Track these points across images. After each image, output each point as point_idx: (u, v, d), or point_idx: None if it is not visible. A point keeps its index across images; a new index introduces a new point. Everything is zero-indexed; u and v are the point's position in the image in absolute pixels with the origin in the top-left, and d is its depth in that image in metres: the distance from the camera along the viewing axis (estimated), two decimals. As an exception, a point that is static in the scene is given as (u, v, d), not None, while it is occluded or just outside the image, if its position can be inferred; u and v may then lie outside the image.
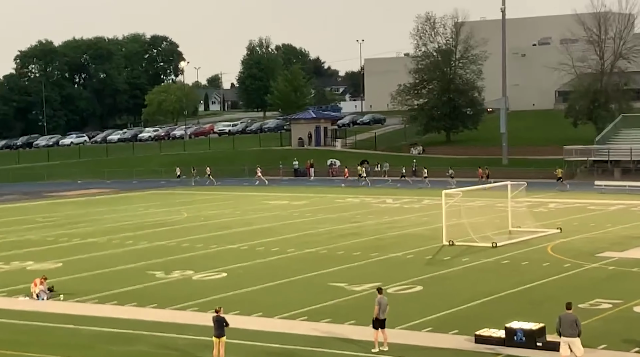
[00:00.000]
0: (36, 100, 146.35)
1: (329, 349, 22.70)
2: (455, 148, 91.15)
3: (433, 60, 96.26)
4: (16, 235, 46.67)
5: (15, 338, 24.67)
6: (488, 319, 24.64)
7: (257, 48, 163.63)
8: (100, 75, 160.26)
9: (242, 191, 70.84)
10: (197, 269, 34.47)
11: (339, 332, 24.18)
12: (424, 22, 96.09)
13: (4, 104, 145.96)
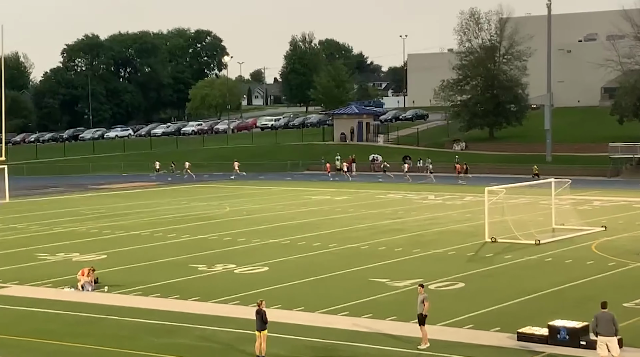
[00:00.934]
0: (82, 94, 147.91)
1: (370, 344, 22.67)
2: (499, 145, 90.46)
3: (477, 57, 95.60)
4: (62, 227, 47.20)
5: (61, 329, 24.97)
6: (531, 317, 24.46)
7: (300, 43, 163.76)
8: (145, 69, 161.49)
9: (284, 186, 70.98)
10: (239, 263, 34.60)
11: (380, 328, 24.14)
12: (469, 18, 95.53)
13: (51, 97, 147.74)
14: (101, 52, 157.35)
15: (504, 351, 21.94)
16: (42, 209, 56.04)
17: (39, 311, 27.06)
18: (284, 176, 79.43)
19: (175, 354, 22.12)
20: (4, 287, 30.71)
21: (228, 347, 22.76)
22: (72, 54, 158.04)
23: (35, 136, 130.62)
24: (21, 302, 28.21)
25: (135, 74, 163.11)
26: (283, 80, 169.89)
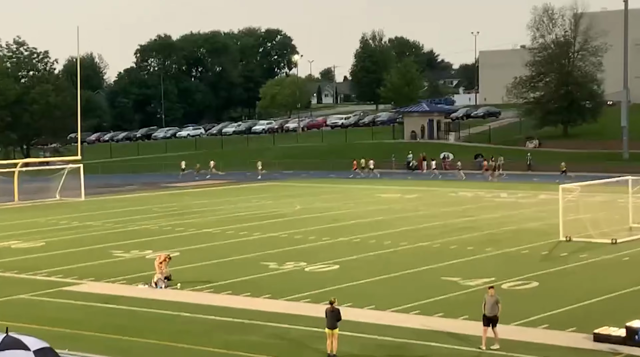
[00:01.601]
0: (155, 93, 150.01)
1: (442, 343, 22.50)
2: (573, 142, 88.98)
3: (550, 53, 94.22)
4: (135, 224, 47.85)
5: (134, 324, 25.31)
6: (607, 317, 23.98)
7: (370, 41, 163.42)
8: (216, 69, 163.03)
9: (354, 184, 70.92)
10: (309, 261, 34.66)
11: (452, 327, 23.93)
12: (542, 13, 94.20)
13: (125, 97, 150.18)
14: (173, 52, 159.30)
15: (580, 352, 21.55)
16: (116, 207, 56.88)
17: (114, 307, 27.48)
18: (355, 174, 79.27)
19: (247, 351, 22.24)
20: (80, 284, 31.27)
21: (299, 344, 22.80)
22: (145, 54, 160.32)
23: (110, 135, 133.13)
24: (96, 299, 28.69)
25: (207, 74, 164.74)
26: (353, 79, 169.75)
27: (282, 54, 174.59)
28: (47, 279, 32.17)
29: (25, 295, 29.54)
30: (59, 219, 50.93)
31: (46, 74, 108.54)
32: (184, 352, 22.33)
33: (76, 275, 32.73)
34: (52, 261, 36.06)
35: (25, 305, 28.16)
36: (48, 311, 27.16)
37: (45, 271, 33.69)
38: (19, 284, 31.55)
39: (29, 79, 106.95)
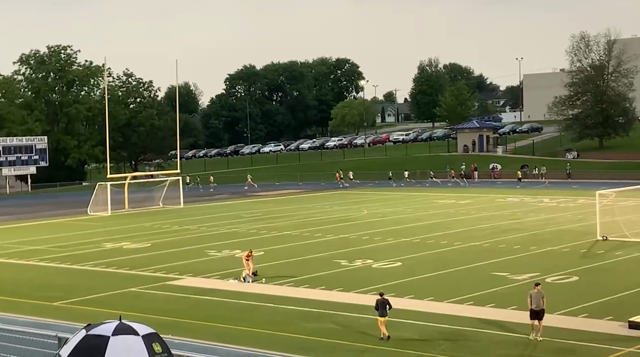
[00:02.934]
0: (241, 116, 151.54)
1: (493, 330, 22.23)
2: (608, 153, 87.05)
3: (587, 75, 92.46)
4: (226, 228, 48.26)
5: (227, 314, 25.55)
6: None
7: (427, 67, 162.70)
8: (294, 94, 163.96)
9: (414, 192, 70.49)
10: (376, 259, 34.57)
11: (502, 316, 23.63)
12: (579, 40, 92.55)
13: (216, 119, 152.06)
14: (257, 80, 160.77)
15: (616, 338, 21.07)
16: (210, 213, 57.46)
17: (209, 299, 27.77)
18: (414, 183, 78.91)
19: (322, 336, 22.29)
20: (181, 279, 31.67)
21: (367, 331, 22.75)
22: (233, 82, 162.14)
23: (204, 152, 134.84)
24: (195, 292, 29.03)
25: (286, 98, 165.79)
26: (412, 100, 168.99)
27: (350, 79, 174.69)
28: (153, 275, 32.65)
29: (134, 288, 30.04)
30: (162, 223, 51.67)
31: (150, 101, 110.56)
32: (269, 337, 22.47)
33: (177, 271, 33.16)
34: (157, 259, 36.58)
35: (135, 297, 28.65)
36: (154, 302, 27.57)
37: (151, 267, 34.20)
38: (129, 279, 32.12)
39: (137, 105, 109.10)
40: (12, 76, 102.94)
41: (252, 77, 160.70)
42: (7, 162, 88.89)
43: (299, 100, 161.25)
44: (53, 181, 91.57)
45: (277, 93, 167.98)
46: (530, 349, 20.56)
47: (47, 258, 37.99)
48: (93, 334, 6.22)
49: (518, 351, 20.44)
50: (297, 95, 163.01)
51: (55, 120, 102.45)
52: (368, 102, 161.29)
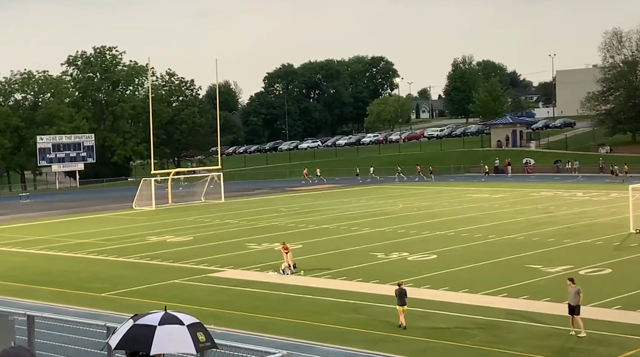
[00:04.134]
0: (280, 113, 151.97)
1: (527, 321, 22.05)
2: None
3: (619, 71, 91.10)
4: (265, 222, 48.42)
5: (267, 305, 25.67)
6: (674, 300, 23.02)
7: (460, 64, 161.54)
8: (331, 91, 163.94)
9: (448, 186, 70.11)
10: (411, 251, 34.45)
11: (535, 308, 23.42)
12: (612, 36, 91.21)
13: (255, 116, 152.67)
14: (295, 78, 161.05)
15: (650, 330, 20.77)
16: (250, 208, 57.69)
17: (250, 290, 27.92)
18: (448, 178, 78.45)
19: (359, 327, 22.29)
20: (222, 271, 31.88)
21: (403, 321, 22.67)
22: (272, 80, 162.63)
23: (243, 148, 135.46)
24: (236, 283, 29.21)
25: (323, 95, 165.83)
26: (446, 96, 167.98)
27: (385, 77, 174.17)
28: (196, 267, 32.91)
29: (178, 280, 30.32)
30: (204, 217, 52.02)
31: (192, 99, 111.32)
32: (307, 327, 22.55)
33: (219, 263, 33.38)
34: (199, 252, 36.85)
35: (179, 288, 28.91)
36: (197, 293, 27.79)
37: (193, 260, 34.47)
38: (173, 271, 32.41)
39: (179, 104, 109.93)
40: (61, 76, 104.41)
41: (290, 75, 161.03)
42: (56, 159, 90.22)
43: (335, 98, 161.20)
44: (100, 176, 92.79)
45: (314, 91, 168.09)
46: (564, 341, 20.35)
47: (94, 251, 38.50)
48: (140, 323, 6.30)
49: (551, 342, 20.24)
50: (333, 93, 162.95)
51: (101, 119, 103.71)
52: (403, 99, 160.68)
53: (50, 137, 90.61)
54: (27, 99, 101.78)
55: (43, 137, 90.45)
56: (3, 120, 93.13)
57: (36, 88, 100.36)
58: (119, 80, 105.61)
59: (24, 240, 43.54)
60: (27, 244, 42.05)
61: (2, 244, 42.17)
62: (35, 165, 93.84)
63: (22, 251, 39.90)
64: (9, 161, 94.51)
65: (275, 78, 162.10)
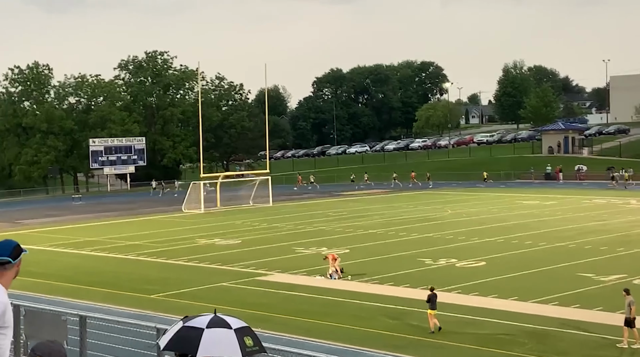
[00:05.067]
0: (328, 118, 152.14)
1: (578, 331, 21.65)
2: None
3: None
4: (312, 226, 48.44)
5: (314, 309, 25.69)
6: None
7: (511, 69, 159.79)
8: (379, 96, 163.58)
9: (497, 192, 69.31)
10: (460, 258, 34.14)
11: (587, 317, 23.00)
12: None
13: (303, 121, 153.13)
14: (343, 83, 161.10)
15: None
16: (297, 212, 57.84)
17: (297, 295, 27.97)
18: (498, 184, 77.59)
19: (406, 333, 22.16)
20: (270, 274, 31.99)
21: (452, 329, 22.47)
22: (320, 85, 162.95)
23: (292, 152, 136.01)
24: (283, 287, 29.27)
25: (371, 100, 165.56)
26: (496, 102, 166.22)
27: (434, 82, 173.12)
28: (244, 270, 33.09)
29: (226, 283, 30.52)
30: (252, 221, 52.30)
31: (241, 103, 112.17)
32: (354, 332, 22.49)
33: (266, 267, 33.50)
34: (247, 255, 37.03)
35: (227, 291, 29.10)
36: (244, 296, 27.94)
37: (241, 263, 34.66)
38: (221, 273, 32.63)
39: (228, 108, 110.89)
40: (113, 80, 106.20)
41: (339, 80, 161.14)
42: (108, 161, 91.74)
43: (384, 103, 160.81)
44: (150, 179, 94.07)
45: (363, 95, 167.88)
46: (618, 352, 19.92)
47: (144, 253, 39.00)
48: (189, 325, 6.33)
49: (603, 353, 19.85)
50: (382, 98, 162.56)
51: (152, 122, 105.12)
52: (452, 104, 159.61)
53: (103, 140, 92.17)
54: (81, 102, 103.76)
55: (95, 140, 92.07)
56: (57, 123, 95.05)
57: (89, 92, 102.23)
58: (170, 84, 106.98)
59: (76, 241, 44.33)
60: (79, 245, 42.80)
61: (55, 245, 43.00)
62: (87, 168, 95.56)
63: (74, 252, 40.62)
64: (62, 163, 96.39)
65: (324, 83, 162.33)
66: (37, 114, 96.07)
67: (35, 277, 30.40)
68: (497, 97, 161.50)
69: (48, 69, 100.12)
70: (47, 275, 30.69)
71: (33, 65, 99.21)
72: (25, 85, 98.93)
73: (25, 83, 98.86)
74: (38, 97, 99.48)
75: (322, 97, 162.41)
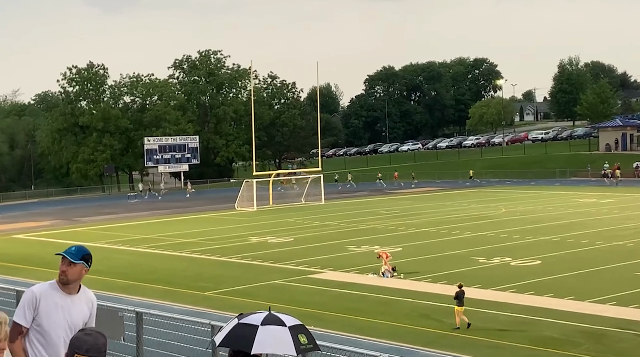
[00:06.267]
0: (380, 115, 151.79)
1: (637, 331, 21.19)
2: None
3: None
4: (365, 224, 48.42)
5: (367, 307, 25.64)
6: None
7: (567, 66, 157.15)
8: (432, 93, 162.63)
9: (553, 190, 68.30)
10: (514, 257, 33.73)
11: (647, 318, 22.49)
12: None
13: (356, 119, 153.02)
14: (396, 80, 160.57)
15: None
16: (350, 210, 57.84)
17: (349, 292, 27.95)
18: (553, 182, 76.45)
19: (461, 333, 21.97)
20: (322, 272, 32.05)
21: (506, 328, 22.24)
22: (372, 83, 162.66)
23: (344, 150, 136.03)
24: (335, 285, 29.29)
25: (424, 98, 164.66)
26: (552, 98, 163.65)
27: (488, 79, 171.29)
28: (296, 268, 33.21)
29: (279, 280, 30.67)
30: (304, 219, 52.47)
31: (293, 102, 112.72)
32: (407, 331, 22.37)
33: (319, 265, 33.58)
34: (299, 253, 37.16)
35: (280, 289, 29.24)
36: (297, 294, 28.03)
37: (294, 261, 34.80)
38: (274, 271, 32.80)
39: (280, 106, 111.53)
40: (167, 80, 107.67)
41: (391, 77, 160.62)
42: (162, 160, 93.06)
43: (436, 100, 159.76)
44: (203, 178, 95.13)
45: (415, 93, 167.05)
46: (677, 353, 19.46)
47: (198, 250, 39.45)
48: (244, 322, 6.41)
49: (664, 354, 19.40)
50: (434, 95, 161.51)
51: (205, 121, 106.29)
52: (506, 101, 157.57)
53: (157, 139, 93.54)
54: (136, 101, 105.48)
55: (150, 138, 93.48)
56: (113, 122, 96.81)
57: (144, 91, 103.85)
58: (223, 83, 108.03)
59: (132, 238, 45.07)
60: (135, 242, 43.51)
61: (111, 242, 43.80)
62: (142, 166, 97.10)
63: (129, 249, 41.31)
64: (118, 162, 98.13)
65: (376, 80, 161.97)
66: (93, 113, 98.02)
67: (92, 274, 30.75)
68: (553, 93, 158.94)
69: (103, 68, 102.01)
70: (103, 272, 31.26)
71: (89, 65, 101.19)
72: (83, 85, 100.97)
73: (83, 83, 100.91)
74: (94, 96, 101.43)
75: (374, 94, 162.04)
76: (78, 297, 6.13)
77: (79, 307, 6.10)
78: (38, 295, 6.02)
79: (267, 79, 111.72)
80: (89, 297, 6.29)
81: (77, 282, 6.16)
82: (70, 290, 6.10)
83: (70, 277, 6.08)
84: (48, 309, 5.98)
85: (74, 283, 6.12)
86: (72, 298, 6.10)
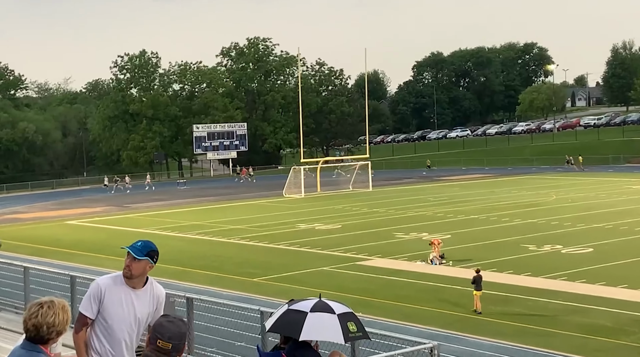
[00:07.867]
0: (429, 102, 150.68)
1: (693, 322, 20.76)
2: None
3: None
4: (413, 211, 48.23)
5: (414, 295, 25.59)
6: None
7: (620, 50, 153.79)
8: (481, 79, 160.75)
9: (606, 177, 67.11)
10: (565, 244, 33.27)
11: (703, 308, 22.00)
12: None
13: (404, 105, 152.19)
14: (444, 66, 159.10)
15: None
16: (398, 197, 57.67)
17: (397, 280, 27.93)
18: (606, 169, 75.07)
19: (511, 321, 21.82)
20: (370, 259, 32.03)
21: (558, 315, 21.99)
22: (421, 69, 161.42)
23: (391, 137, 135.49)
24: (383, 272, 29.28)
25: (473, 84, 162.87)
26: (604, 84, 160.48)
27: (538, 64, 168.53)
28: (344, 255, 33.26)
29: (327, 267, 30.75)
30: (352, 206, 52.47)
31: (341, 88, 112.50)
32: (455, 318, 22.29)
33: (366, 252, 33.56)
34: (347, 240, 37.18)
35: (328, 275, 29.33)
36: (345, 281, 28.08)
37: (342, 248, 34.85)
38: (322, 258, 32.90)
39: (328, 93, 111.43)
40: (216, 67, 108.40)
41: (440, 63, 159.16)
42: (211, 147, 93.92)
43: (485, 86, 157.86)
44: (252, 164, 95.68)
45: (464, 79, 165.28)
46: None
47: (246, 237, 39.76)
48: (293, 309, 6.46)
49: None
50: (484, 81, 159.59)
51: (253, 108, 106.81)
52: (557, 86, 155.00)
53: (206, 126, 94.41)
54: (185, 89, 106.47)
55: (199, 126, 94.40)
56: (162, 109, 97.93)
57: (193, 79, 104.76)
58: (271, 70, 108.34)
59: (182, 225, 45.62)
60: (184, 228, 44.04)
61: (161, 229, 44.40)
62: (191, 153, 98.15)
63: (179, 235, 41.83)
64: (167, 149, 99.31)
65: (425, 66, 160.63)
66: (143, 101, 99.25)
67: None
68: (606, 78, 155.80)
69: (156, 56, 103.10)
70: (154, 257, 31.71)
71: (141, 52, 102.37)
72: (134, 72, 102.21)
73: (134, 70, 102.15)
74: (145, 84, 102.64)
75: (422, 81, 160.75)
76: (143, 291, 6.13)
77: (144, 302, 6.12)
78: (103, 288, 6.05)
79: (315, 66, 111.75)
80: (156, 292, 6.27)
81: (142, 277, 6.16)
82: (134, 284, 6.11)
83: (134, 272, 6.07)
84: (112, 302, 6.02)
85: (138, 278, 6.13)
86: (137, 292, 6.10)
